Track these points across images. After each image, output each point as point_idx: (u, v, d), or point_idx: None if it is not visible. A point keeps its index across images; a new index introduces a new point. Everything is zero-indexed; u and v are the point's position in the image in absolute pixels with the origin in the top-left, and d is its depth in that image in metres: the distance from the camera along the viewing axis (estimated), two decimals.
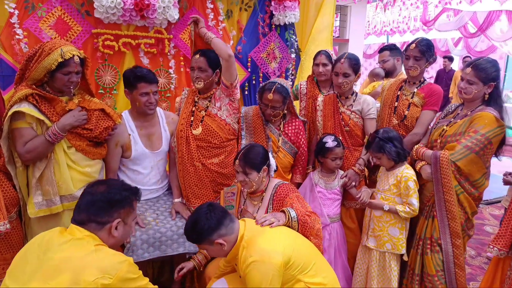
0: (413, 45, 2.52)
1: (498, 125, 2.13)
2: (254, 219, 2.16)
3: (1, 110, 2.07)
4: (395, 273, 2.39)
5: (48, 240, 1.40)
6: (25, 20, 2.50)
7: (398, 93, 2.69)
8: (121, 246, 2.29)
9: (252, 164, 2.09)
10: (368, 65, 15.53)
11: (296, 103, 3.30)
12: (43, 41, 2.51)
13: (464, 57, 9.00)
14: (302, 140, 2.65)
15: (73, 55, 1.98)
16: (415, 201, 2.29)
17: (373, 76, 4.22)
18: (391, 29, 11.16)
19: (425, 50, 2.50)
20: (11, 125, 1.97)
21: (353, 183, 2.60)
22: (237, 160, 2.13)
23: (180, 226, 2.30)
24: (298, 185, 2.71)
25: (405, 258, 2.40)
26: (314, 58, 3.03)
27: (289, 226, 1.93)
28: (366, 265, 2.52)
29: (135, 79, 2.23)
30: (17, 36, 2.47)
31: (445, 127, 2.33)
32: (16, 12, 2.46)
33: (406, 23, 10.35)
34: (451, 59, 8.86)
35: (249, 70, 3.39)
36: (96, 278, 1.26)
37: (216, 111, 2.45)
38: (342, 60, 2.55)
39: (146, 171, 2.42)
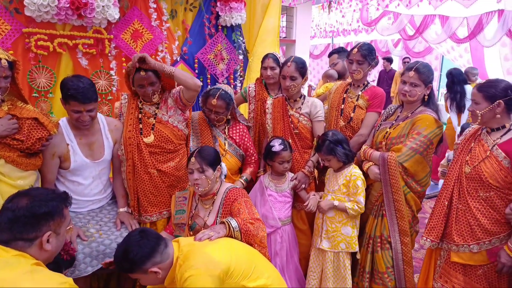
0: (355, 49, 2.68)
1: (437, 126, 2.28)
2: (204, 223, 2.18)
3: None
4: (349, 271, 2.48)
5: None
6: None
7: (344, 96, 2.81)
8: (62, 262, 2.19)
9: (208, 161, 2.12)
10: (315, 65, 16.04)
11: (244, 106, 3.36)
12: None
13: (404, 58, 9.62)
14: (249, 142, 2.76)
15: (0, 59, 1.86)
16: (362, 199, 2.39)
17: (327, 77, 4.38)
18: (336, 30, 11.61)
19: (366, 54, 2.65)
20: None
21: (303, 186, 2.67)
22: (193, 158, 2.14)
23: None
24: (250, 187, 2.75)
25: (358, 256, 2.50)
26: (262, 61, 3.07)
27: (231, 237, 1.94)
28: (320, 267, 2.58)
29: (67, 96, 2.08)
30: None
31: (388, 130, 2.45)
32: None
33: (350, 24, 10.84)
34: (390, 60, 9.45)
35: (197, 71, 3.37)
36: None
37: (167, 118, 2.43)
38: (289, 63, 2.63)
39: (87, 182, 2.32)
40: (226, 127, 2.73)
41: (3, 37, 2.49)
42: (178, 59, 3.30)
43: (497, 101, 1.96)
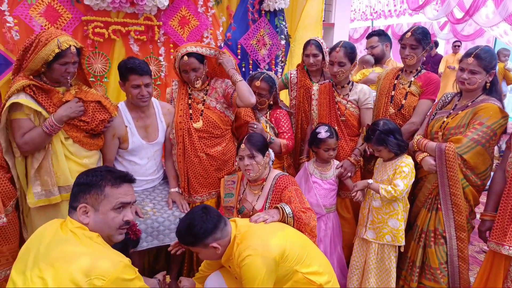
0: (409, 33, 2.59)
1: (502, 116, 2.19)
2: (253, 208, 2.30)
3: None
4: (394, 264, 2.44)
5: (47, 234, 1.44)
6: (15, 7, 2.55)
7: (395, 82, 2.74)
8: (129, 241, 2.40)
9: (258, 147, 2.23)
10: None
11: (285, 92, 3.45)
12: (33, 28, 2.58)
13: (454, 42, 9.22)
14: (285, 122, 2.83)
15: (70, 46, 2.06)
16: (401, 183, 2.29)
17: (363, 63, 4.36)
18: (376, 12, 11.35)
19: (421, 38, 2.56)
20: (9, 116, 2.06)
21: (349, 174, 2.68)
22: (243, 144, 2.25)
23: (177, 216, 2.42)
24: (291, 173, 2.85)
25: (402, 249, 2.46)
26: (304, 48, 3.10)
27: (284, 222, 2.02)
28: (363, 257, 2.55)
29: (126, 70, 2.28)
30: (7, 24, 2.53)
31: (445, 119, 2.36)
32: None
33: (394, 5, 10.52)
34: (435, 43, 9.13)
35: (239, 57, 3.49)
36: (89, 279, 1.26)
37: (215, 104, 2.57)
38: (338, 48, 2.63)
39: (143, 162, 2.52)
40: (268, 112, 2.86)
41: (65, 25, 2.73)
42: (222, 45, 3.43)
43: None
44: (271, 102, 2.85)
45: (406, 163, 2.36)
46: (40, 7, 2.63)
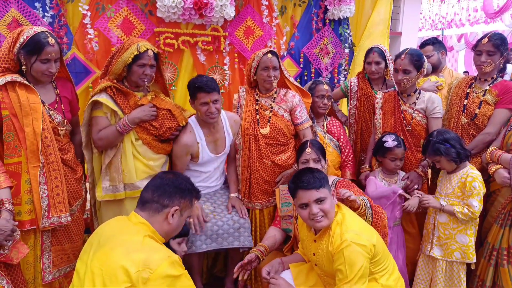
0: (486, 39, 2.47)
1: None
2: None
3: (74, 103, 2.30)
4: (464, 283, 2.30)
5: (109, 227, 1.54)
6: (96, 20, 2.76)
7: (468, 91, 2.62)
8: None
9: (322, 152, 2.25)
10: None
11: (344, 101, 3.38)
12: (111, 40, 2.77)
13: None
14: (345, 138, 2.84)
15: (148, 49, 2.19)
16: (476, 203, 2.19)
17: None
18: (447, 22, 10.76)
19: (499, 44, 2.44)
20: (91, 113, 2.23)
21: (415, 186, 2.55)
22: (308, 148, 2.25)
23: (236, 220, 2.42)
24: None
25: (473, 266, 2.31)
26: (366, 55, 3.02)
27: (362, 216, 1.96)
28: (429, 275, 2.42)
29: (194, 89, 2.32)
30: (88, 36, 2.74)
31: None
32: (89, 13, 2.73)
33: (469, 15, 9.90)
34: None
35: (301, 66, 3.47)
36: (137, 271, 1.29)
37: (282, 113, 2.57)
38: (403, 56, 2.53)
39: (209, 172, 2.57)
40: (324, 122, 2.82)
41: (138, 36, 2.88)
42: (285, 54, 3.43)
43: None
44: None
45: (473, 177, 2.22)
46: (117, 20, 2.81)
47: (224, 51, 3.19)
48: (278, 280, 1.95)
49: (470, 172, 2.25)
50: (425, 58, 2.60)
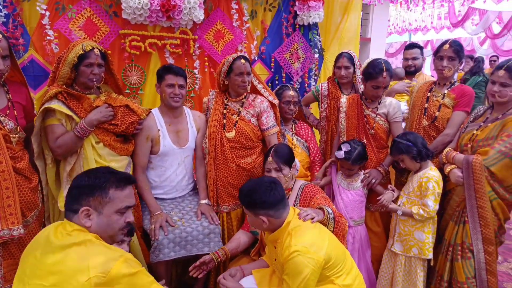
0: (447, 45, 2.56)
1: None
2: None
3: (29, 108, 2.17)
4: (421, 278, 2.37)
5: (42, 239, 1.34)
6: (56, 21, 2.59)
7: (428, 95, 2.70)
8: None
9: (285, 160, 2.19)
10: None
11: (315, 105, 3.36)
12: (72, 41, 2.59)
13: (490, 57, 8.83)
14: (314, 140, 2.85)
15: (93, 48, 2.10)
16: (431, 203, 2.28)
17: (393, 76, 4.15)
18: (415, 28, 11.03)
19: (459, 50, 2.56)
20: (43, 123, 2.09)
21: (373, 180, 2.61)
22: (270, 157, 2.21)
23: (206, 226, 2.35)
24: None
25: (432, 262, 2.39)
26: (336, 60, 3.04)
27: (324, 224, 1.96)
28: (391, 269, 2.52)
29: (163, 71, 2.37)
30: (48, 37, 2.57)
31: (475, 132, 2.32)
32: (47, 13, 2.56)
33: (431, 22, 10.19)
34: (473, 58, 8.71)
35: (272, 70, 3.42)
36: (88, 278, 1.20)
37: (250, 117, 2.54)
38: (384, 74, 2.50)
39: (173, 168, 2.50)
40: (293, 125, 2.84)
41: (103, 38, 2.73)
42: (256, 58, 3.36)
43: None
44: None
45: (429, 178, 2.32)
46: (80, 21, 2.65)
47: (193, 54, 3.08)
48: (227, 281, 1.96)
49: (428, 173, 2.34)
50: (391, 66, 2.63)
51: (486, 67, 9.54)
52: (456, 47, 2.55)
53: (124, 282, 1.25)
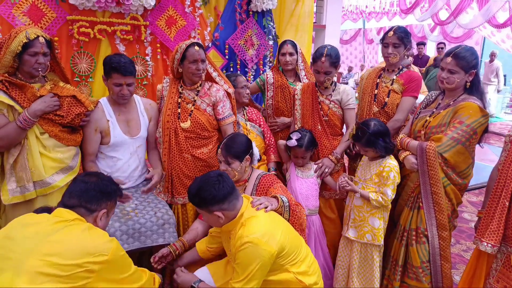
0: (391, 32, 2.64)
1: (482, 115, 2.17)
2: None
3: None
4: (377, 264, 2.43)
5: (36, 220, 1.49)
6: None
7: (378, 81, 2.77)
8: None
9: (234, 154, 2.18)
10: (344, 51, 15.81)
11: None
12: (16, 28, 2.54)
13: (438, 43, 9.37)
14: (265, 125, 2.96)
15: (38, 36, 2.05)
16: (390, 192, 2.33)
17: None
18: (368, 13, 11.42)
19: (403, 36, 2.62)
20: None
21: (326, 170, 2.69)
22: (219, 150, 2.22)
23: (160, 217, 2.36)
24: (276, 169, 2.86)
25: (382, 248, 2.45)
26: (280, 47, 3.13)
27: (279, 213, 1.99)
28: (348, 256, 2.56)
29: (110, 68, 2.27)
30: None
31: (428, 118, 2.37)
32: None
33: (383, 8, 10.61)
34: (423, 44, 9.23)
35: (227, 57, 3.50)
36: (93, 256, 1.39)
37: (205, 107, 2.54)
38: (323, 59, 2.61)
39: (125, 158, 2.47)
40: (244, 111, 2.91)
41: (49, 25, 2.70)
42: (210, 45, 3.43)
43: None
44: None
45: (391, 167, 2.36)
46: (23, 6, 2.60)
47: (145, 41, 3.11)
48: (182, 273, 2.05)
49: (389, 162, 2.39)
50: (339, 55, 2.71)
51: (435, 53, 10.14)
52: (401, 33, 2.61)
53: (120, 260, 1.50)
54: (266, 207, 1.92)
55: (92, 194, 1.59)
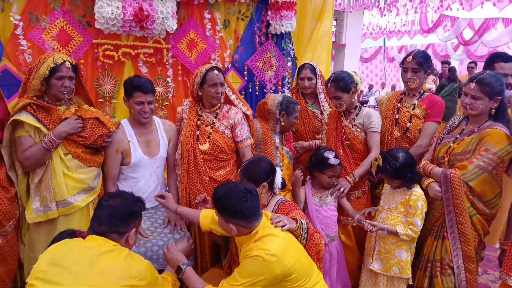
0: (410, 57, 2.66)
1: (509, 143, 2.14)
2: None
3: (6, 121, 2.24)
4: None
5: (80, 246, 1.65)
6: (29, 31, 2.73)
7: (398, 105, 2.78)
8: None
9: (250, 177, 2.22)
10: (364, 69, 15.86)
11: None
12: (46, 51, 2.72)
13: (469, 63, 8.95)
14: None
15: (64, 61, 2.21)
16: (419, 222, 2.28)
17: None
18: (389, 32, 11.48)
19: (422, 61, 2.62)
20: (13, 134, 2.19)
21: (342, 189, 2.67)
22: (239, 170, 2.30)
23: (178, 239, 2.43)
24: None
25: (410, 281, 2.40)
26: (299, 71, 3.20)
27: (297, 237, 2.00)
28: None
29: (131, 88, 2.41)
30: (21, 47, 2.70)
31: (451, 144, 2.35)
32: (21, 24, 2.69)
33: (404, 25, 10.62)
34: (448, 63, 9.17)
35: (246, 78, 3.60)
36: (136, 280, 1.57)
37: (224, 129, 2.62)
38: (329, 84, 2.69)
39: (145, 179, 2.57)
40: (283, 137, 2.93)
41: (76, 48, 2.88)
42: (229, 66, 3.55)
43: None
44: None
45: (417, 196, 2.33)
46: (53, 31, 2.79)
47: (167, 63, 3.25)
48: (170, 248, 2.10)
49: (415, 191, 2.35)
50: (351, 79, 2.72)
51: (462, 72, 10.04)
52: (420, 59, 2.61)
53: (155, 282, 1.70)
54: (284, 225, 1.94)
55: (119, 217, 1.71)
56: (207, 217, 2.19)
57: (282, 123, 2.76)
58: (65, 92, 2.24)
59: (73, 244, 1.66)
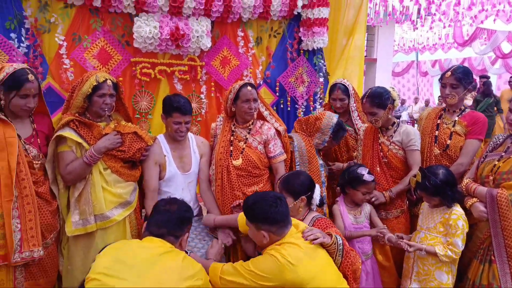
0: (449, 73, 2.62)
1: None
2: None
3: (51, 137, 2.36)
4: None
5: (142, 246, 1.78)
6: (72, 51, 2.88)
7: (438, 122, 2.72)
8: None
9: (289, 189, 2.25)
10: (396, 83, 15.65)
11: None
12: (87, 69, 2.87)
13: (511, 78, 8.47)
14: None
15: (106, 79, 2.33)
16: (460, 243, 2.20)
17: None
18: (422, 47, 11.32)
19: (461, 77, 2.57)
20: (56, 150, 2.31)
21: (373, 199, 2.66)
22: (278, 182, 2.33)
23: (200, 248, 2.49)
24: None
25: None
26: (330, 92, 3.21)
27: (331, 254, 1.97)
28: None
29: (171, 108, 2.48)
30: (64, 66, 2.85)
31: (496, 162, 2.27)
32: (65, 43, 2.85)
33: (439, 38, 10.43)
34: (487, 78, 8.89)
35: (277, 94, 3.65)
36: (194, 280, 1.70)
37: (257, 145, 2.65)
38: (364, 100, 2.69)
39: (177, 193, 2.61)
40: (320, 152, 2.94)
41: (115, 66, 3.01)
42: (261, 82, 3.61)
43: None
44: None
45: (458, 215, 2.26)
46: (94, 50, 2.94)
47: (200, 80, 3.34)
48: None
49: (455, 210, 2.28)
50: (387, 95, 2.69)
51: (500, 86, 9.70)
52: (459, 74, 2.56)
53: (208, 284, 1.85)
54: (316, 238, 1.92)
55: (175, 222, 1.86)
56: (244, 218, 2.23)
57: (325, 144, 2.79)
58: (106, 109, 2.35)
59: (132, 244, 1.81)
